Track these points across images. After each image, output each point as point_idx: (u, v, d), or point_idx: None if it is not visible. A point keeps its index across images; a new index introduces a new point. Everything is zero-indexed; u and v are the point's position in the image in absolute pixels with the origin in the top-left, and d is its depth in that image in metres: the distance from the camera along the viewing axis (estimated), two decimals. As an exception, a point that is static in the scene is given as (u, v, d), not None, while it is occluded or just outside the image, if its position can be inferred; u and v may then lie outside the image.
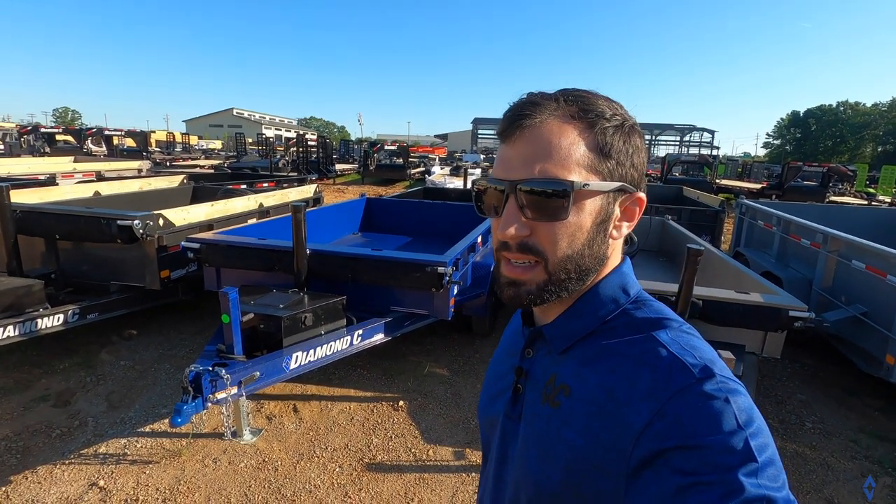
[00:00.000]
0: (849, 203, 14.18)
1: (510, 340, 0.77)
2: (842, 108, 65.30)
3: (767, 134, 76.38)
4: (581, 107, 0.57)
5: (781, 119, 72.58)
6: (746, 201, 6.45)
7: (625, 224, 0.62)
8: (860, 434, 3.39)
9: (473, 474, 2.78)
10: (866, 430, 3.44)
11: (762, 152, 75.83)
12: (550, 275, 0.58)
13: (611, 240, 0.61)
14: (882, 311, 3.45)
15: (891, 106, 61.16)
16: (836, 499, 2.75)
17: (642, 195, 0.62)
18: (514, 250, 0.58)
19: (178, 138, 32.66)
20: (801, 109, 68.86)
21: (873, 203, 15.47)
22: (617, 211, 0.60)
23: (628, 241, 0.66)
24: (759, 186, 17.92)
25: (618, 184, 0.58)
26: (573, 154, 0.56)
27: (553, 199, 0.55)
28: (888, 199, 16.69)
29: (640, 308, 0.61)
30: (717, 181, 18.77)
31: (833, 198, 16.23)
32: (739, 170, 27.46)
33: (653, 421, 0.49)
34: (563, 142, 0.56)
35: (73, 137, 19.58)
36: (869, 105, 64.16)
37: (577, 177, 0.56)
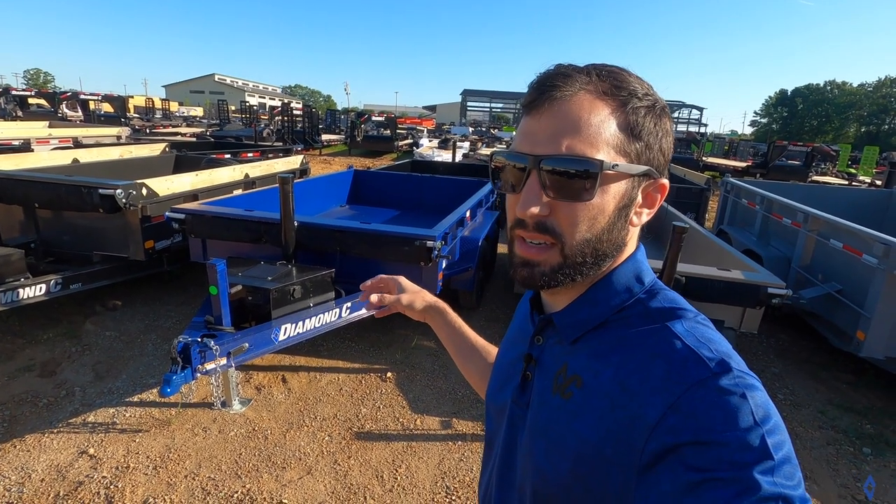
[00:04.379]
0: (830, 183, 14.44)
1: (519, 327, 0.75)
2: (828, 88, 65.75)
3: (755, 112, 77.04)
4: (613, 83, 0.55)
5: (769, 97, 72.99)
6: (731, 179, 6.52)
7: (645, 211, 0.59)
8: (828, 406, 3.56)
9: (459, 443, 2.87)
10: (834, 402, 3.61)
11: (749, 130, 76.33)
12: (566, 258, 0.56)
13: (630, 226, 0.59)
14: (856, 289, 3.57)
15: (877, 87, 61.71)
16: (802, 466, 2.88)
17: (665, 182, 0.59)
18: (531, 230, 0.56)
19: (158, 104, 31.51)
20: (790, 88, 69.18)
21: (854, 183, 15.75)
22: (639, 197, 0.58)
23: (645, 228, 0.63)
24: (744, 165, 18.10)
25: (645, 168, 0.56)
26: (603, 132, 0.53)
27: (578, 178, 0.53)
28: (868, 180, 17.00)
29: (654, 297, 0.59)
30: (704, 159, 18.91)
31: (815, 177, 16.48)
32: (726, 148, 27.61)
33: (667, 415, 0.47)
34: (594, 118, 0.53)
35: (47, 101, 18.81)
36: (856, 85, 64.65)
37: (605, 156, 0.53)
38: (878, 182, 14.69)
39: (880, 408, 3.55)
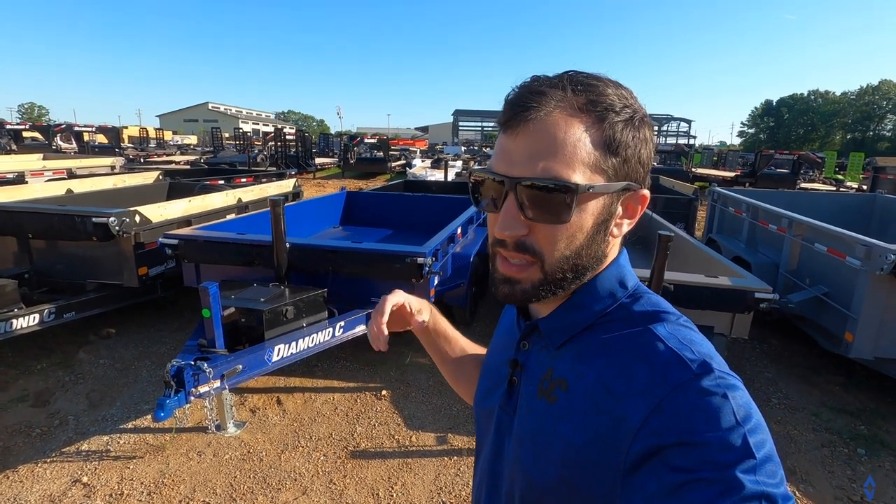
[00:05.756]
0: (817, 189, 14.66)
1: (505, 333, 0.76)
2: (812, 97, 67.13)
3: (742, 123, 78.19)
4: (589, 98, 0.54)
5: (755, 108, 74.28)
6: (718, 189, 6.64)
7: (626, 222, 0.60)
8: (822, 408, 3.57)
9: (455, 458, 2.87)
10: (827, 404, 3.63)
11: (737, 141, 77.44)
12: (546, 274, 0.57)
13: (611, 238, 0.60)
14: (842, 291, 3.62)
15: (859, 94, 63.00)
16: (798, 468, 2.91)
17: (646, 192, 0.59)
18: (511, 249, 0.56)
19: (152, 134, 31.81)
20: (775, 98, 70.63)
21: (841, 189, 15.98)
22: (619, 209, 0.58)
23: (629, 236, 0.64)
24: (733, 175, 18.35)
25: (623, 184, 0.56)
26: (579, 152, 0.53)
27: (555, 200, 0.53)
28: (855, 185, 17.25)
29: (637, 301, 0.60)
30: (693, 170, 19.20)
31: (803, 184, 16.72)
32: (715, 158, 28.03)
33: (650, 417, 0.48)
34: (569, 138, 0.53)
35: (41, 134, 18.99)
36: (839, 94, 66.02)
37: (581, 177, 0.53)
38: (865, 187, 14.92)
39: (873, 408, 3.57)
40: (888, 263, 3.16)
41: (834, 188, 16.40)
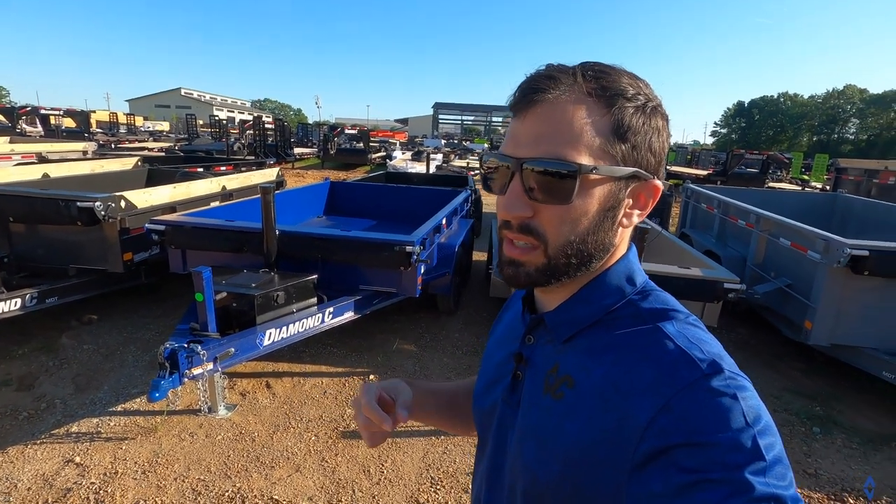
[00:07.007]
0: (784, 188, 15.28)
1: (509, 327, 0.75)
2: (782, 100, 69.21)
3: (715, 123, 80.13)
4: (601, 84, 0.54)
5: (728, 109, 76.19)
6: (692, 186, 6.91)
7: (636, 212, 0.59)
8: (783, 391, 3.83)
9: (442, 437, 2.99)
10: (788, 388, 3.89)
11: (710, 140, 79.38)
12: (549, 258, 0.56)
13: (620, 228, 0.58)
14: (803, 283, 3.88)
15: (825, 98, 65.32)
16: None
17: (658, 183, 0.58)
18: (515, 231, 0.56)
19: (122, 119, 30.86)
20: (747, 100, 72.61)
21: (807, 189, 16.68)
22: (627, 198, 0.57)
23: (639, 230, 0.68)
24: (705, 173, 18.90)
25: (630, 170, 0.55)
26: (584, 135, 0.53)
27: (558, 181, 0.53)
28: (819, 185, 18.02)
29: (646, 298, 0.59)
30: (668, 168, 19.71)
31: (771, 184, 17.38)
32: (689, 157, 28.72)
33: (658, 416, 0.47)
34: (576, 121, 0.53)
35: (5, 116, 18.23)
36: (806, 97, 68.31)
37: (585, 159, 0.52)
38: (828, 187, 15.61)
39: (829, 392, 3.84)
40: (844, 257, 3.40)
41: (800, 188, 17.10)
